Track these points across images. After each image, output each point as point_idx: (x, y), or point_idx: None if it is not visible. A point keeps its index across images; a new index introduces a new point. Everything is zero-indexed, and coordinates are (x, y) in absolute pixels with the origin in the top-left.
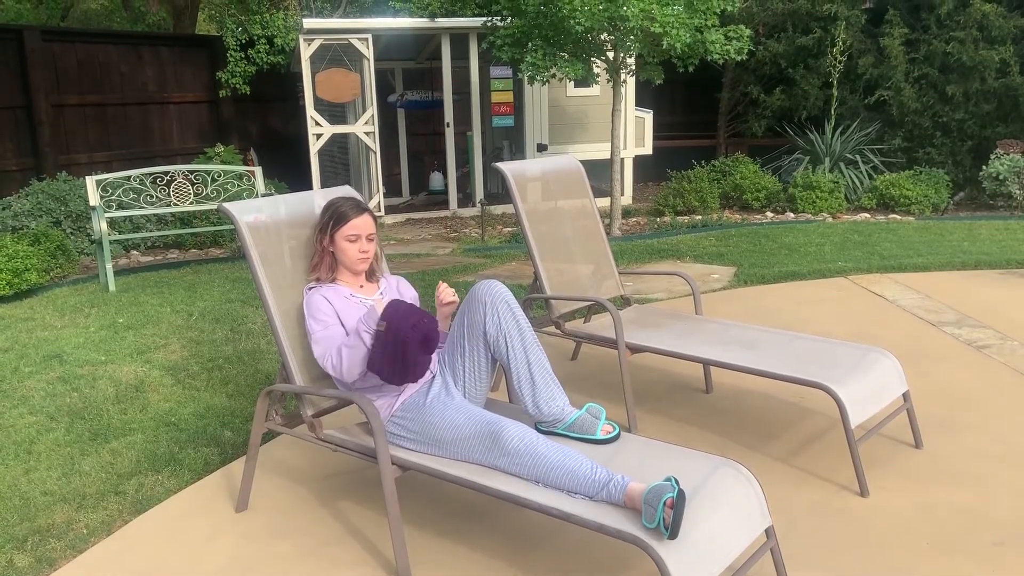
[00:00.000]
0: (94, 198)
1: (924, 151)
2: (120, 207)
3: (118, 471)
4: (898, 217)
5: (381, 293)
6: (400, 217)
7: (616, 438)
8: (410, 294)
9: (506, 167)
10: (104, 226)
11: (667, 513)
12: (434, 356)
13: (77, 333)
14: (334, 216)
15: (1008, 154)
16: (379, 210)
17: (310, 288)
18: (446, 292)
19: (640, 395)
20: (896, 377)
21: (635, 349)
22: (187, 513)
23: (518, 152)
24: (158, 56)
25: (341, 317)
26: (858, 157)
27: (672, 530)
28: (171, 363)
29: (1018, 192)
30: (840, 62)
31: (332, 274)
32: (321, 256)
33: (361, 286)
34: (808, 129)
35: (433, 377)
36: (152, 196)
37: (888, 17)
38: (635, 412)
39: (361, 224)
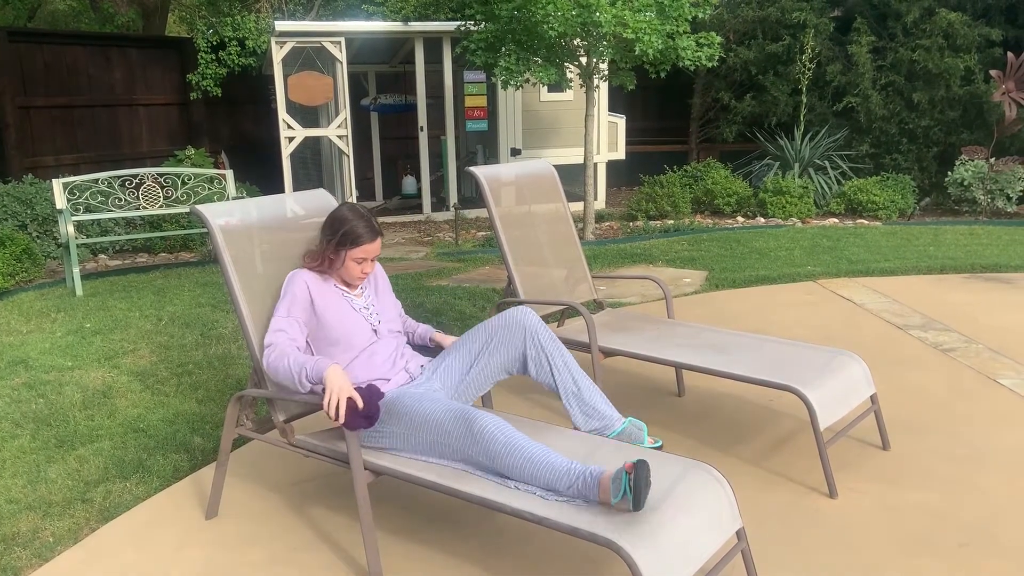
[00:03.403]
0: (61, 201)
1: (891, 157)
2: (88, 210)
3: (85, 478)
4: (866, 222)
5: (362, 289)
6: None
7: (660, 448)
8: (384, 284)
9: (480, 172)
10: (71, 229)
11: (629, 480)
12: (415, 362)
13: (43, 338)
14: (349, 236)
15: (972, 160)
16: None
17: (299, 269)
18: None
19: (613, 398)
20: (864, 380)
21: (608, 353)
22: (156, 521)
23: (492, 156)
24: (127, 58)
25: (317, 305)
26: (827, 163)
27: (636, 498)
28: (140, 368)
29: (982, 198)
30: (809, 69)
31: (327, 274)
32: (323, 258)
33: (348, 284)
34: (778, 135)
35: (411, 380)
36: (121, 199)
37: (856, 25)
38: None
39: (372, 249)
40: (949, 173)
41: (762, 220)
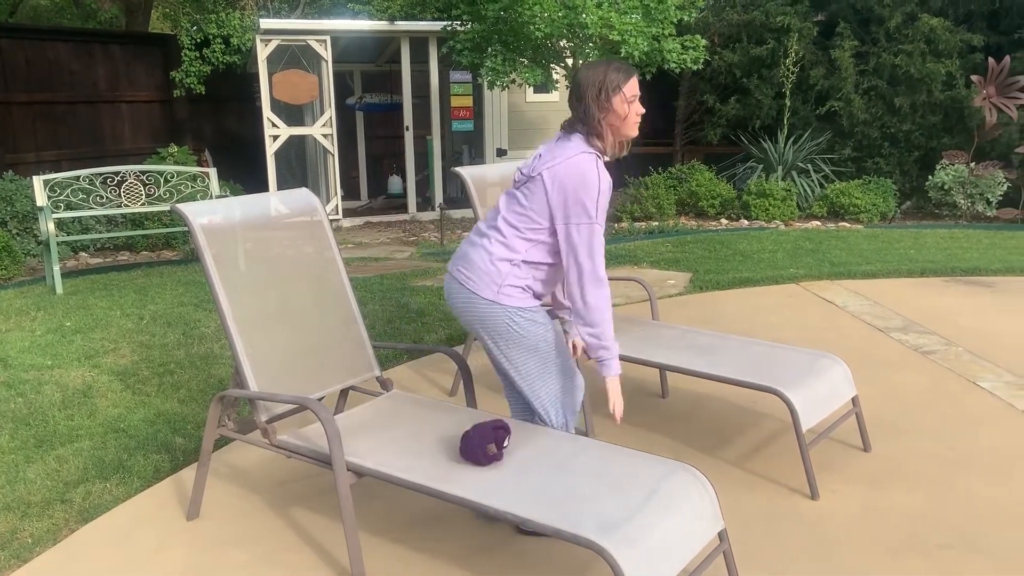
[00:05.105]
0: (41, 198)
1: (873, 161)
2: (68, 208)
3: (64, 479)
4: (847, 225)
5: None
6: (358, 220)
7: None
8: None
9: (465, 172)
10: (51, 227)
11: None
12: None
13: (22, 337)
14: (615, 79)
15: (953, 164)
16: (337, 213)
17: (596, 157)
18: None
19: (597, 400)
20: (846, 382)
21: None
22: (136, 521)
23: (477, 157)
24: (110, 54)
25: None
26: (809, 166)
27: None
28: (120, 368)
29: (962, 202)
30: (793, 73)
31: (606, 149)
32: (602, 128)
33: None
34: (762, 138)
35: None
36: (102, 197)
37: (839, 30)
38: (592, 417)
39: (637, 82)
40: (930, 177)
41: (746, 222)
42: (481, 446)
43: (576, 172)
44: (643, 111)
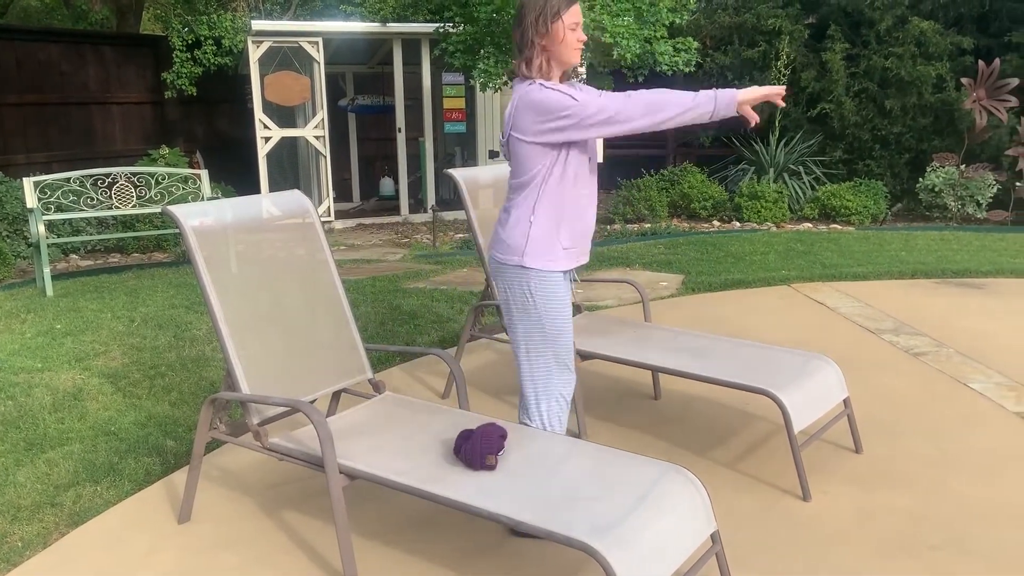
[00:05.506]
0: (32, 200)
1: (864, 163)
2: (59, 209)
3: (54, 482)
4: (839, 227)
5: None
6: (350, 222)
7: None
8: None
9: (458, 173)
10: (42, 229)
11: None
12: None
13: (12, 339)
14: (558, 5)
15: (943, 167)
16: (329, 215)
17: (531, 83)
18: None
19: (590, 401)
20: (837, 383)
21: (585, 356)
22: (127, 525)
23: (470, 158)
24: (101, 56)
25: None
26: (801, 168)
27: None
28: (111, 370)
29: (953, 204)
30: (784, 75)
31: (545, 75)
32: (538, 52)
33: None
34: (753, 140)
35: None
36: (93, 198)
37: (830, 32)
38: (585, 418)
39: (580, 11)
40: (920, 179)
41: (737, 224)
42: (483, 454)
43: (528, 107)
44: (585, 39)
